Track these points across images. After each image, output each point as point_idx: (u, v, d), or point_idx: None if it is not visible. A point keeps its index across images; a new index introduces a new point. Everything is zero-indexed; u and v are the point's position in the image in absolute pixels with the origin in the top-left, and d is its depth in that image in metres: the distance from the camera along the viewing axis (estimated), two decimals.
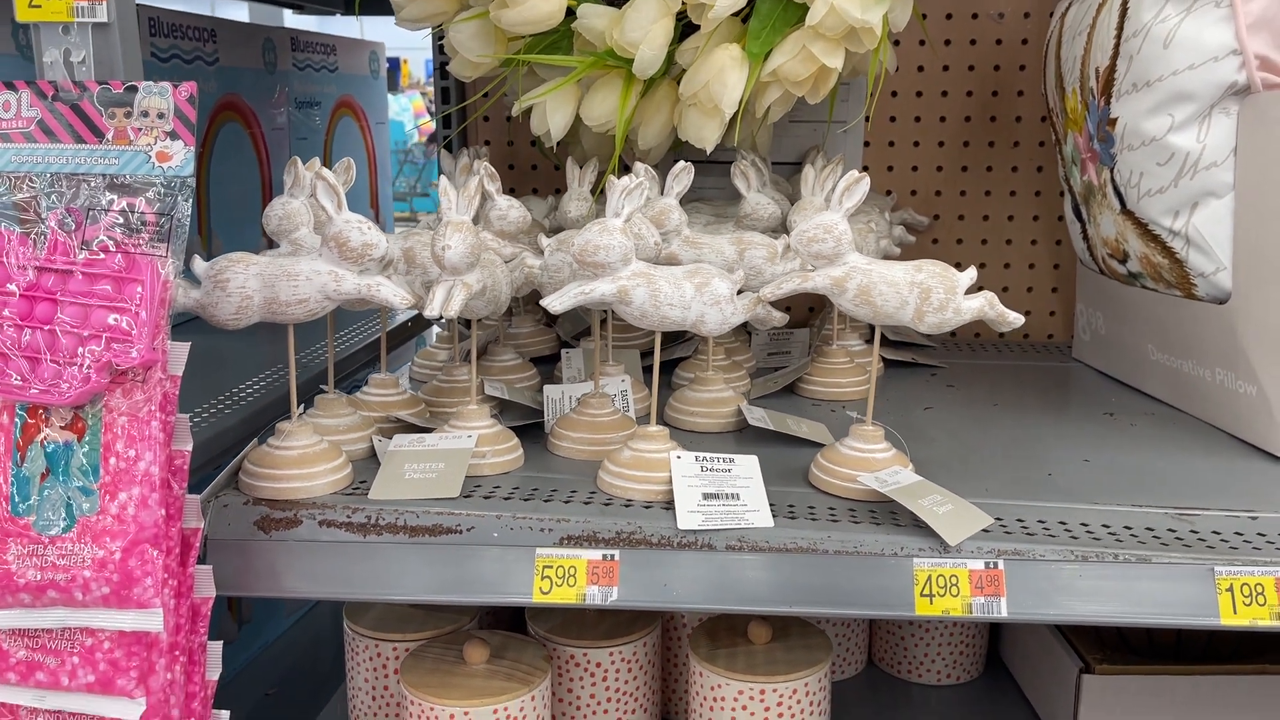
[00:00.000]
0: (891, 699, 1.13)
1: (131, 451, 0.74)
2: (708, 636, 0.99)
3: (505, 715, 0.90)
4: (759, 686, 0.92)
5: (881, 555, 0.80)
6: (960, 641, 1.15)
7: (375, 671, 1.01)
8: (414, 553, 0.84)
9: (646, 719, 1.03)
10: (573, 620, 1.02)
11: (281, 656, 1.51)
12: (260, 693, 1.38)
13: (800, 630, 1.00)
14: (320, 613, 1.63)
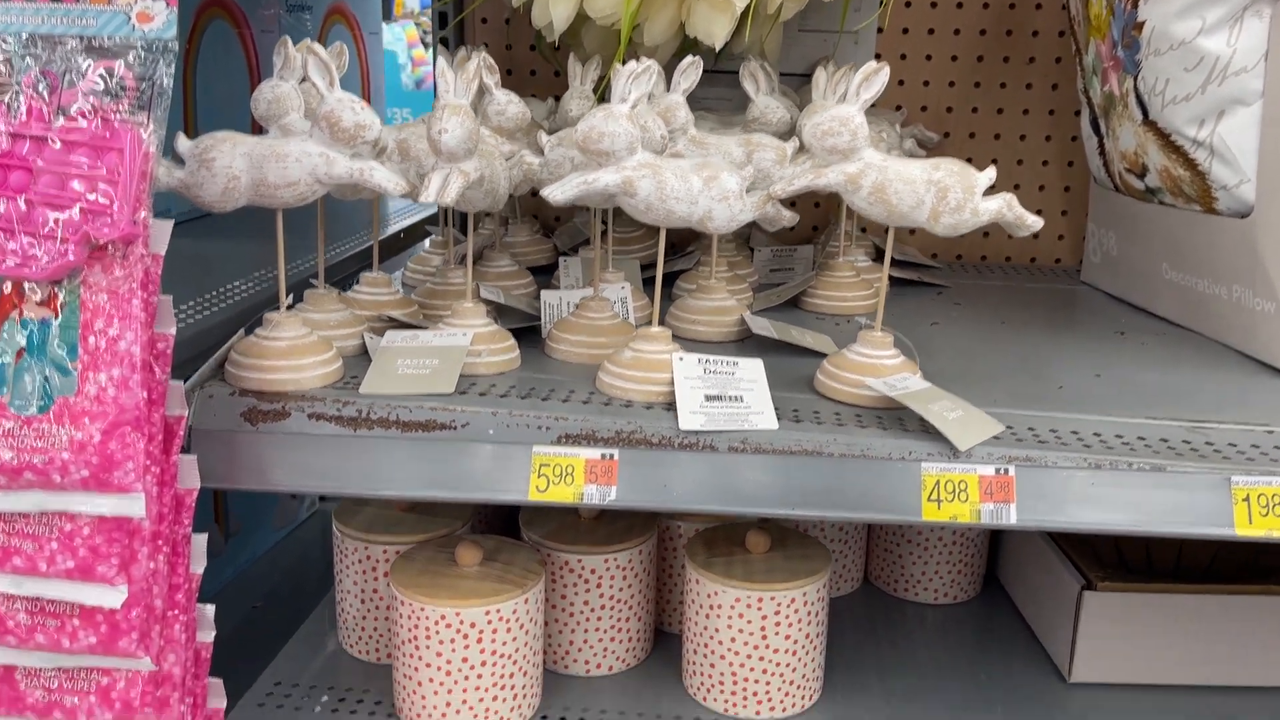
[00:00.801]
0: (887, 617, 1.12)
1: (112, 330, 0.71)
2: (705, 545, 0.97)
3: (498, 617, 0.88)
4: (756, 594, 0.90)
5: (889, 459, 0.78)
6: (958, 560, 1.13)
7: (364, 575, 0.99)
8: (406, 449, 0.81)
9: (641, 628, 1.01)
10: (567, 527, 1.00)
11: (269, 571, 1.49)
12: (248, 605, 1.36)
13: (798, 541, 0.98)
14: (308, 527, 1.62)
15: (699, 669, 0.95)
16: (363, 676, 0.99)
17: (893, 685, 0.99)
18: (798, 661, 0.93)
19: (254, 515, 1.55)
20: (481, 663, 0.88)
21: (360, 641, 1.01)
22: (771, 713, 0.93)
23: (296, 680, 0.98)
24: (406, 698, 0.91)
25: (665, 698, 0.97)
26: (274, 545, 1.57)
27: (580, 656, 0.99)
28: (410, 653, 0.89)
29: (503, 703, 0.90)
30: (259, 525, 1.54)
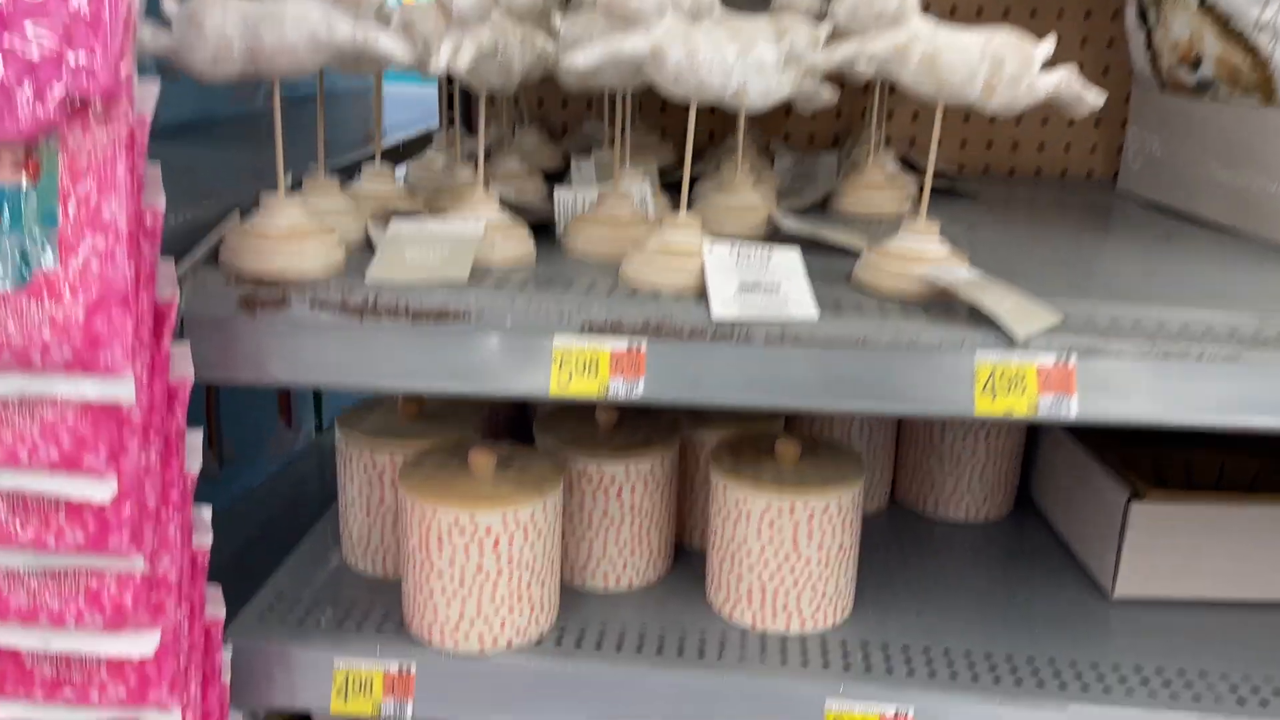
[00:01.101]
0: (916, 535, 1.07)
1: (94, 197, 0.64)
2: (731, 454, 0.91)
3: (515, 522, 0.82)
4: (788, 501, 0.85)
5: (939, 349, 0.72)
6: (991, 476, 1.08)
7: (370, 485, 0.93)
8: (416, 339, 0.75)
9: (662, 541, 0.96)
10: (584, 436, 0.94)
11: (265, 501, 1.44)
12: (243, 536, 1.31)
13: (829, 451, 0.93)
14: (305, 459, 1.56)
15: (725, 582, 0.90)
16: (369, 592, 0.94)
17: (926, 601, 0.94)
18: (829, 573, 0.88)
19: (249, 444, 1.49)
20: (497, 571, 0.83)
21: (366, 556, 0.96)
22: (801, 627, 0.88)
23: (299, 595, 0.93)
24: (416, 610, 0.85)
25: (689, 612, 0.92)
26: (270, 477, 1.52)
27: (599, 570, 0.94)
28: (420, 561, 0.84)
29: (519, 614, 0.85)
30: (254, 455, 1.48)
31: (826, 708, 0.82)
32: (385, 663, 0.85)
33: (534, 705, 0.84)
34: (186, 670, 0.77)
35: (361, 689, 0.85)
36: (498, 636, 0.85)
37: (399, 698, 0.84)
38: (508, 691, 0.84)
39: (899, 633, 0.89)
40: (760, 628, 0.89)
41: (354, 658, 0.85)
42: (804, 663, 0.85)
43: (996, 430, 1.06)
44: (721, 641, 0.88)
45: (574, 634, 0.88)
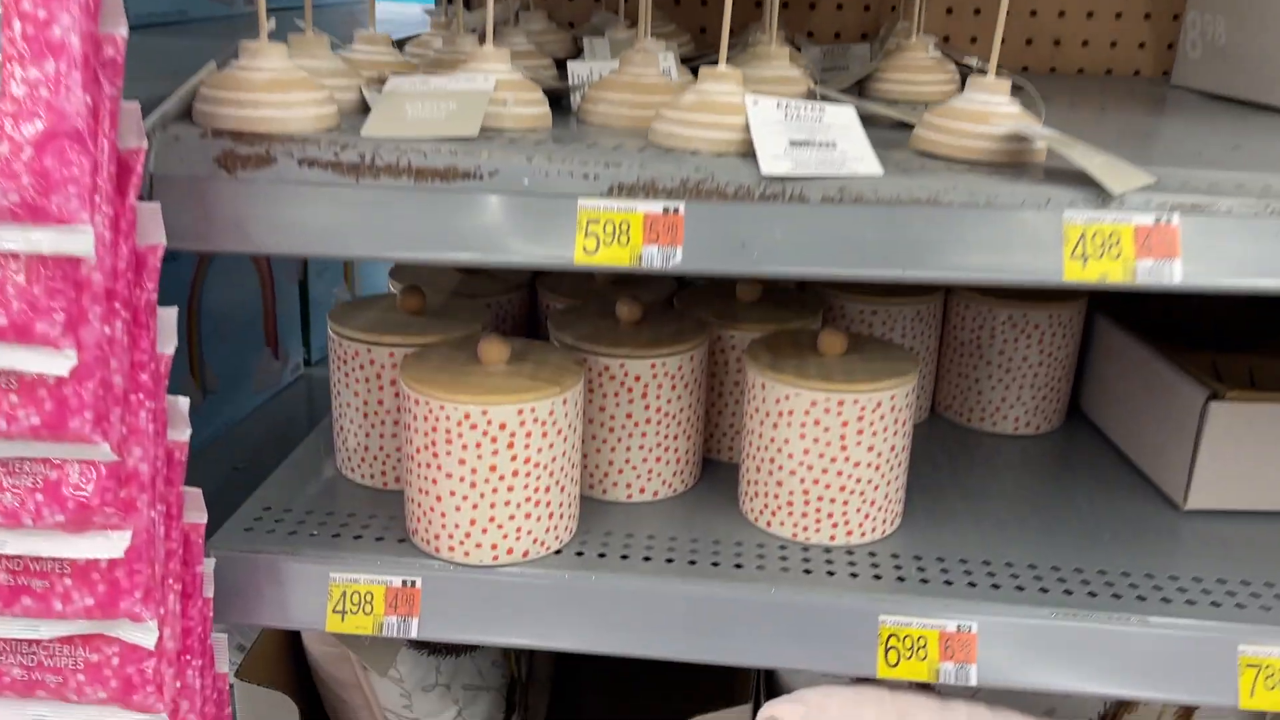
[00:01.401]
0: (963, 447, 0.98)
1: (41, 11, 0.54)
2: (768, 350, 0.82)
3: (532, 418, 0.73)
4: (836, 396, 0.76)
5: (1021, 207, 0.63)
6: (1043, 384, 0.99)
7: (367, 384, 0.84)
8: (419, 202, 0.66)
9: (690, 448, 0.87)
10: (604, 332, 0.85)
11: (250, 434, 1.34)
12: (228, 468, 1.22)
13: (877, 345, 0.84)
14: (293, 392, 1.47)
15: (762, 490, 0.81)
16: (368, 502, 0.85)
17: (982, 512, 0.86)
18: (880, 478, 0.79)
19: (233, 373, 1.40)
20: (513, 473, 0.74)
21: (364, 466, 0.87)
22: (848, 538, 0.80)
23: (289, 505, 0.84)
24: (421, 518, 0.77)
25: (722, 524, 0.83)
26: (255, 409, 1.43)
27: (621, 480, 0.85)
28: (426, 463, 0.75)
29: (536, 521, 0.76)
30: (239, 385, 1.39)
31: (880, 624, 0.73)
32: (387, 576, 0.76)
33: (553, 622, 0.76)
34: (163, 580, 0.68)
35: (361, 605, 0.76)
36: (513, 546, 0.76)
37: (403, 614, 0.76)
38: (524, 607, 0.76)
39: (955, 545, 0.81)
40: (802, 539, 0.80)
41: (352, 571, 0.76)
42: (853, 575, 0.77)
43: (1052, 331, 0.97)
44: (760, 554, 0.79)
45: (596, 545, 0.80)
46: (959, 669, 0.72)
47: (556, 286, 0.98)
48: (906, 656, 0.73)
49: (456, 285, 0.97)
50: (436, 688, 0.99)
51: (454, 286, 0.97)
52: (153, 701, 0.68)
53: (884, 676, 0.74)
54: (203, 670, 0.74)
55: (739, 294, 0.93)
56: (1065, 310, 0.97)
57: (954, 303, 1.01)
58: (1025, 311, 0.97)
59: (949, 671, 0.72)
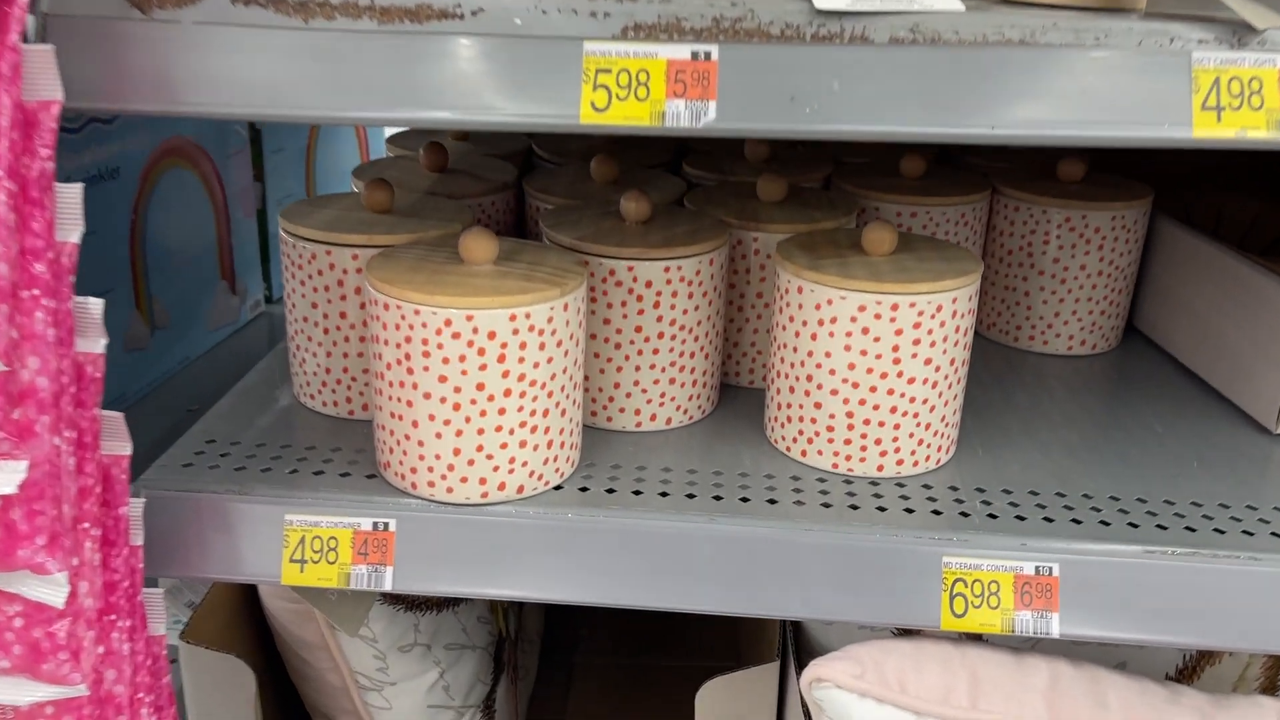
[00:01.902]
0: (1014, 369, 0.86)
1: None
2: (802, 249, 0.70)
3: (527, 325, 0.60)
4: (891, 299, 0.64)
5: (1138, 50, 0.51)
6: (1101, 297, 0.87)
7: (326, 291, 0.71)
8: (384, 48, 0.52)
9: (708, 368, 0.75)
10: (608, 231, 0.72)
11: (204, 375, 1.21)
12: (181, 409, 1.09)
13: (930, 243, 0.71)
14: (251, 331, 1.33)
15: (796, 414, 0.69)
16: (330, 433, 0.72)
17: (1046, 439, 0.74)
18: (937, 398, 0.67)
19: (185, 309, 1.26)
20: (504, 392, 0.61)
21: (324, 391, 0.74)
22: (899, 468, 0.68)
23: (236, 438, 0.71)
24: (395, 448, 0.64)
25: (749, 454, 0.71)
26: (210, 349, 1.29)
27: (630, 405, 0.73)
28: (399, 381, 0.62)
29: (532, 450, 0.63)
30: (192, 322, 1.25)
31: (944, 566, 0.62)
32: (354, 518, 0.64)
33: (555, 570, 0.63)
34: (75, 524, 0.55)
35: (323, 553, 0.63)
36: (504, 481, 0.63)
37: (374, 563, 0.63)
38: (519, 552, 0.63)
39: (1020, 475, 0.69)
40: (844, 470, 0.68)
41: (312, 512, 0.64)
42: (908, 511, 0.65)
43: (1114, 236, 0.85)
44: (796, 488, 0.67)
45: (603, 480, 0.67)
46: (1038, 618, 0.61)
47: (548, 187, 0.85)
48: (975, 605, 0.61)
49: (430, 185, 0.84)
50: (415, 648, 0.87)
51: (427, 187, 0.84)
52: (66, 671, 0.56)
53: (948, 629, 0.62)
54: (132, 633, 0.62)
55: (760, 193, 0.80)
56: (1130, 211, 0.85)
57: (1000, 205, 0.89)
58: (1084, 213, 0.85)
59: (1026, 622, 0.61)
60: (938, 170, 0.91)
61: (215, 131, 1.16)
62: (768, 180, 0.79)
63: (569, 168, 0.92)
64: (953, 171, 0.92)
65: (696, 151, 0.98)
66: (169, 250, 1.15)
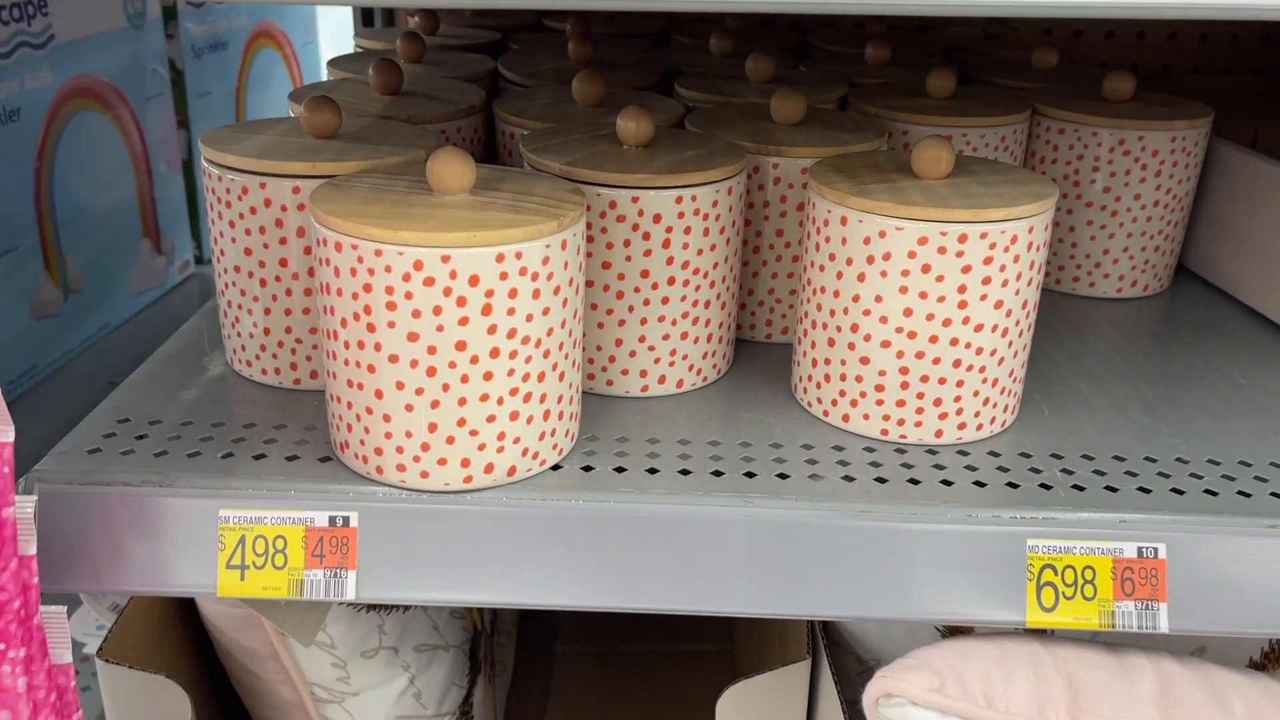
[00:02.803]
0: (1064, 315, 0.76)
1: None
2: (840, 173, 0.58)
3: (517, 264, 0.48)
4: (958, 228, 0.53)
5: None
6: (1156, 234, 0.77)
7: (262, 234, 0.58)
8: None
9: (724, 318, 0.63)
10: (604, 156, 0.60)
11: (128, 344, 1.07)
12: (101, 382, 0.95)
13: (988, 165, 0.60)
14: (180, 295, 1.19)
15: (836, 372, 0.58)
16: (272, 407, 0.59)
17: (1119, 395, 0.64)
18: (1007, 349, 0.56)
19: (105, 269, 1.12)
20: (491, 351, 0.49)
21: (264, 356, 0.61)
22: (960, 432, 0.57)
23: (156, 416, 0.58)
24: (354, 424, 0.52)
25: (777, 420, 0.60)
26: (135, 314, 1.15)
27: (634, 365, 0.61)
28: (358, 341, 0.49)
29: (526, 424, 0.51)
30: (112, 285, 1.11)
31: (1029, 550, 0.51)
32: (307, 511, 0.51)
33: (557, 569, 0.52)
34: None
35: (268, 555, 0.51)
36: (492, 462, 0.51)
37: (332, 566, 0.51)
38: (512, 549, 0.52)
39: (1101, 439, 0.59)
40: (895, 437, 0.57)
41: (253, 506, 0.51)
42: (978, 485, 0.54)
43: (1173, 160, 0.75)
44: (842, 460, 0.56)
45: (609, 456, 0.56)
46: (1143, 610, 0.51)
47: (523, 110, 0.72)
48: (1068, 595, 0.51)
49: (382, 110, 0.70)
50: (380, 652, 0.75)
51: (378, 111, 0.70)
52: None
53: (1034, 625, 0.52)
54: (28, 664, 0.49)
55: (775, 113, 0.68)
56: (1192, 132, 0.75)
57: (1041, 129, 0.78)
58: (1141, 134, 0.74)
59: (1128, 615, 0.51)
60: (967, 91, 0.80)
61: (131, 71, 1.02)
62: (784, 98, 0.67)
63: (544, 89, 0.79)
64: (985, 90, 0.80)
65: (689, 72, 0.85)
66: (82, 204, 1.00)
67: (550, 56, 0.91)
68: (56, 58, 0.91)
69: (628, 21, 1.11)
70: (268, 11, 1.28)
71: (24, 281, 0.90)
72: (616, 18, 1.11)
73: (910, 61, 0.92)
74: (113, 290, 1.10)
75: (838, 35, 1.04)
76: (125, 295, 1.13)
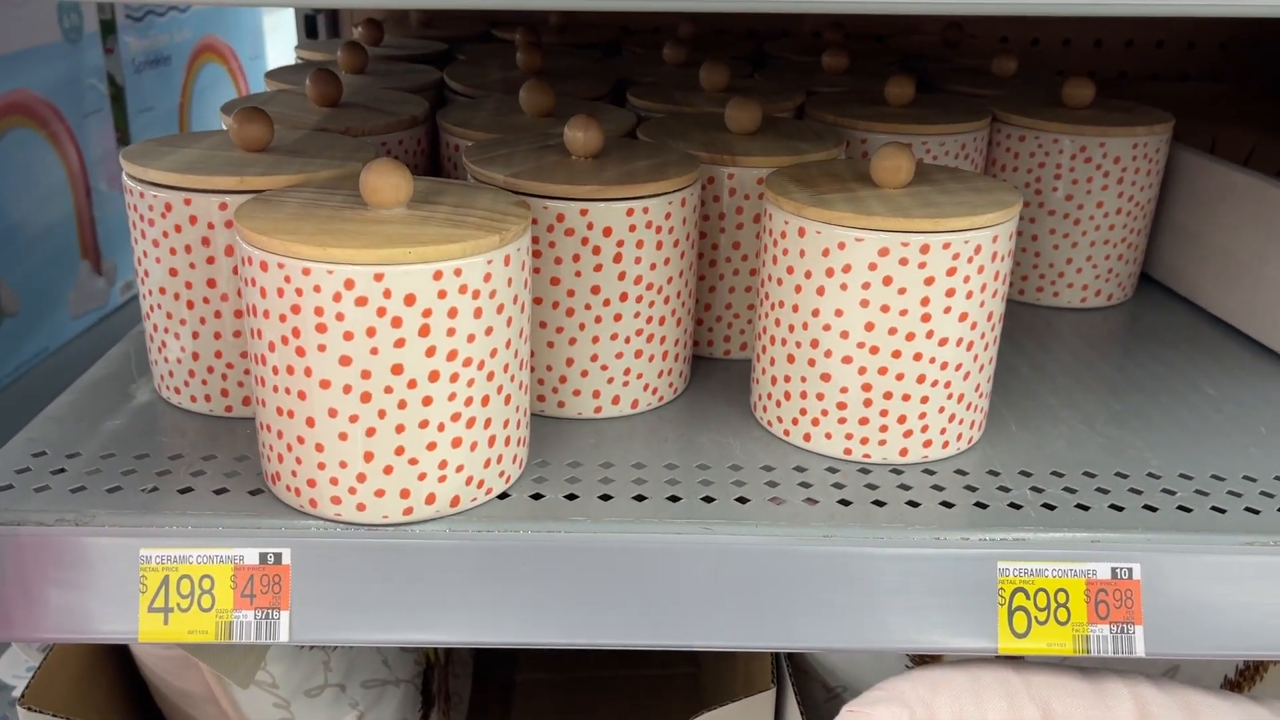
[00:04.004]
0: (1028, 325, 0.74)
1: None
2: (797, 183, 0.56)
3: (456, 281, 0.45)
4: (920, 239, 0.50)
5: None
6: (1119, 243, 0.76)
7: (188, 253, 0.54)
8: None
9: (680, 335, 0.61)
10: (552, 168, 0.57)
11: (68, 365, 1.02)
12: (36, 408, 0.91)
13: (949, 172, 0.58)
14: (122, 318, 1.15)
15: (796, 389, 0.55)
16: (199, 436, 0.56)
17: (1087, 410, 0.62)
18: (973, 363, 0.54)
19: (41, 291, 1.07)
20: (430, 374, 0.46)
21: (192, 383, 0.57)
22: (926, 451, 0.55)
23: (75, 449, 0.55)
24: (285, 455, 0.48)
25: (735, 441, 0.57)
26: (73, 338, 1.10)
27: (586, 386, 0.58)
28: (287, 365, 0.46)
29: (470, 451, 0.48)
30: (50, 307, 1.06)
31: (1000, 574, 0.49)
32: (235, 549, 0.48)
33: (507, 606, 0.49)
34: None
35: (193, 597, 0.48)
36: (434, 492, 0.48)
37: (264, 606, 0.48)
38: (458, 585, 0.48)
39: (1070, 455, 0.57)
40: (859, 456, 0.55)
41: (177, 544, 0.48)
42: (945, 505, 0.52)
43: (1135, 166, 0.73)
44: (804, 482, 0.53)
45: (560, 483, 0.53)
46: (1118, 634, 0.49)
47: (468, 121, 0.69)
48: (1040, 620, 0.49)
49: (319, 122, 0.67)
50: (326, 690, 0.71)
51: (315, 123, 0.67)
52: None
53: (1006, 651, 0.50)
54: None
55: (730, 122, 0.66)
56: (1153, 138, 0.73)
57: (1001, 136, 0.76)
58: (1102, 140, 0.72)
59: (1103, 639, 0.49)
60: (926, 99, 0.78)
61: (68, 87, 0.99)
62: (739, 106, 0.65)
63: (490, 99, 0.77)
64: (944, 97, 0.79)
65: (641, 82, 0.83)
66: (15, 224, 0.96)
67: (498, 67, 0.88)
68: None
69: (578, 32, 1.09)
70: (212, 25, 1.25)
71: None
72: (567, 28, 1.08)
73: (868, 70, 0.90)
74: (50, 313, 1.05)
75: (794, 44, 1.03)
76: (64, 318, 1.08)
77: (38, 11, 0.96)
